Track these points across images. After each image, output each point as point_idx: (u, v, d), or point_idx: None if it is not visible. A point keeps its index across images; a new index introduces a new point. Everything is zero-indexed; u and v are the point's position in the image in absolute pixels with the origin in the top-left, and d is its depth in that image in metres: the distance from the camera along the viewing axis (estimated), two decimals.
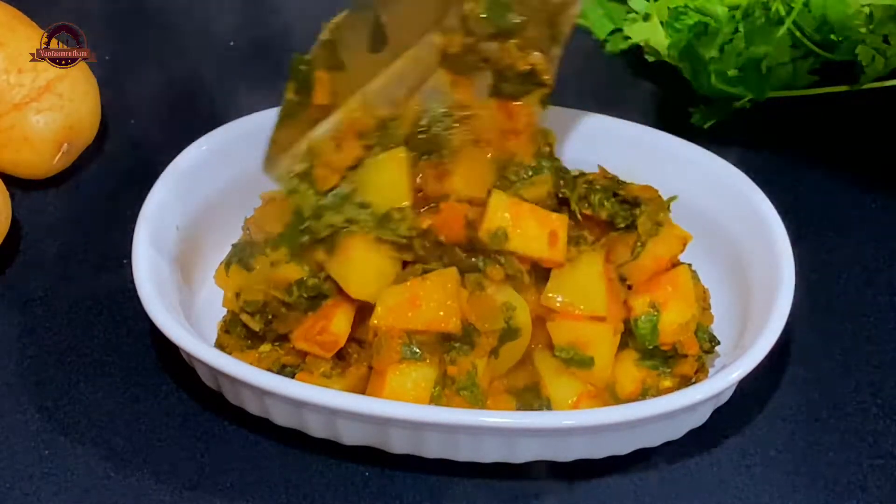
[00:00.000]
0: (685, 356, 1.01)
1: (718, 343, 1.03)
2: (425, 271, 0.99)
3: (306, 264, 1.00)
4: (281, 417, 1.00)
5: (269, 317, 1.01)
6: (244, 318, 1.00)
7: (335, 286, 0.99)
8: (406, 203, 1.00)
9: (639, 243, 1.02)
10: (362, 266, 0.99)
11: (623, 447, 1.00)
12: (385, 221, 1.00)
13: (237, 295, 1.01)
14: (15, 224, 1.13)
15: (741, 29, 1.20)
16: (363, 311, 0.99)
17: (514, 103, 1.04)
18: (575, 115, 1.13)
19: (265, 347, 1.01)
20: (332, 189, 1.01)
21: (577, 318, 1.00)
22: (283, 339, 1.02)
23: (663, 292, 1.01)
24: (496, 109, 1.04)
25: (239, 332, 1.03)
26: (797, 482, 1.01)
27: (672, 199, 1.05)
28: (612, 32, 1.30)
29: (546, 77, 1.04)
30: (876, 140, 1.24)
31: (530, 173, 1.03)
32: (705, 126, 1.23)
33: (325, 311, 0.99)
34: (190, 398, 1.05)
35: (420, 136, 1.02)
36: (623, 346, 1.01)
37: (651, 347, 1.00)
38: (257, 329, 1.00)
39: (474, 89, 1.04)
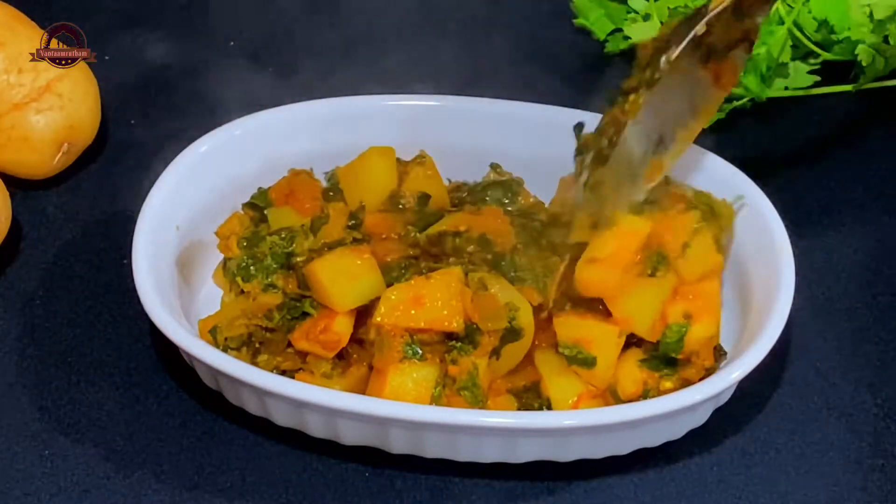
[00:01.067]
0: (692, 363, 1.01)
1: (725, 355, 1.03)
2: (430, 270, 0.99)
3: (282, 292, 1.01)
4: (281, 417, 1.00)
5: (257, 345, 1.01)
6: (231, 354, 1.00)
7: (316, 302, 0.99)
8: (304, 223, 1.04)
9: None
10: (335, 282, 0.98)
11: (623, 447, 1.00)
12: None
13: (213, 335, 1.01)
14: (15, 224, 1.13)
15: None
16: (363, 311, 1.00)
17: (722, 62, 1.04)
18: (575, 115, 1.12)
19: (262, 357, 1.01)
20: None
21: (584, 316, 1.00)
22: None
23: (697, 304, 1.00)
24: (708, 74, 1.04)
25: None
26: (797, 482, 1.01)
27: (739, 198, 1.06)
28: (612, 32, 1.31)
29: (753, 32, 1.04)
30: (876, 140, 1.24)
31: None
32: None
33: (325, 311, 1.00)
34: (190, 398, 1.05)
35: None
36: (626, 346, 1.01)
37: (672, 355, 1.00)
38: (248, 362, 1.00)
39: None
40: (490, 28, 1.33)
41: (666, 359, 1.00)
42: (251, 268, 1.02)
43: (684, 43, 1.00)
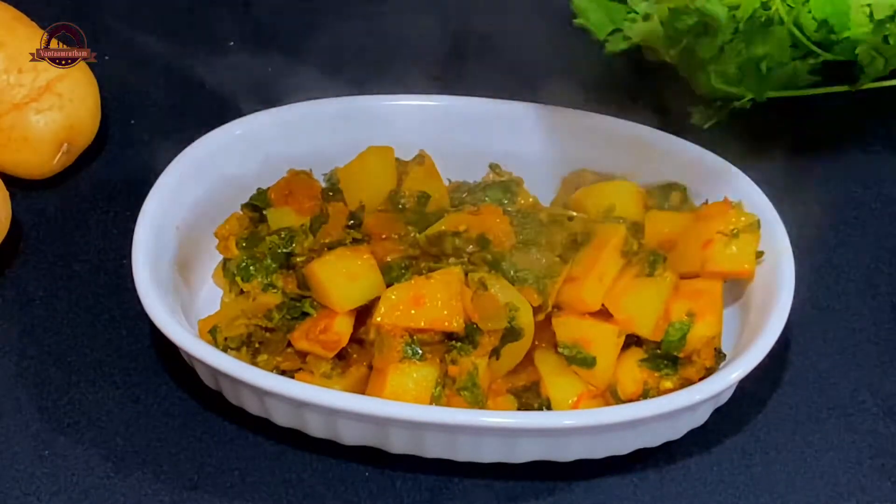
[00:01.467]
0: (693, 362, 1.01)
1: (724, 357, 1.03)
2: (430, 270, 0.99)
3: (281, 291, 1.01)
4: (281, 417, 1.00)
5: (257, 345, 1.01)
6: (231, 354, 1.00)
7: (316, 302, 0.99)
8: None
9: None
10: (335, 282, 0.99)
11: (623, 447, 1.00)
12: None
13: (212, 335, 1.01)
14: (15, 224, 1.13)
15: (741, 29, 1.20)
16: (363, 311, 1.00)
17: None
18: (575, 115, 1.13)
19: (262, 357, 1.01)
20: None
21: (583, 315, 1.00)
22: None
23: (700, 303, 1.00)
24: None
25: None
26: (797, 482, 1.01)
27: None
28: (612, 32, 1.30)
29: None
30: (876, 140, 1.24)
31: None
32: (705, 126, 1.23)
33: (325, 311, 1.00)
34: (190, 398, 1.05)
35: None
36: (626, 346, 1.01)
37: (673, 354, 1.00)
38: (248, 362, 1.00)
39: None
40: (490, 28, 1.33)
41: (667, 358, 1.00)
42: (251, 268, 1.02)
43: None
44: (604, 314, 1.00)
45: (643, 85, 1.28)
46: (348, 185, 1.07)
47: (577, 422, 0.97)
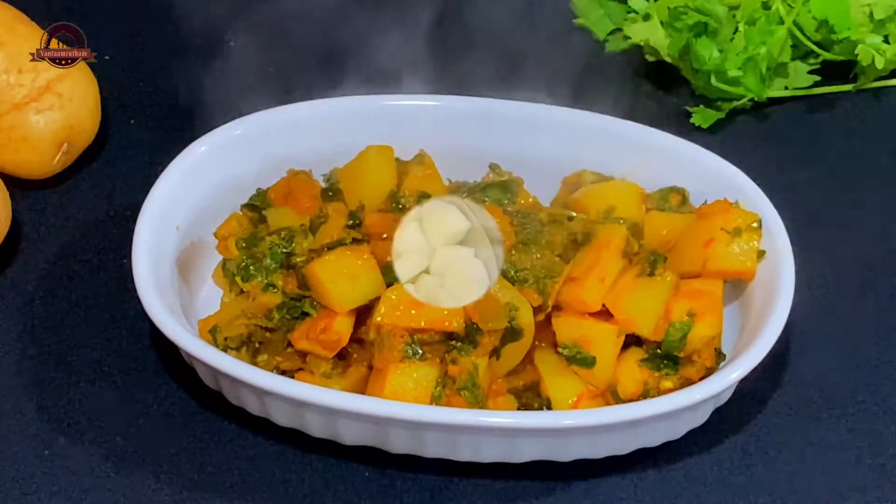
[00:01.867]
0: (693, 362, 1.01)
1: (724, 357, 1.03)
2: None
3: (281, 292, 1.01)
4: (281, 417, 1.00)
5: (257, 345, 1.01)
6: (231, 354, 1.00)
7: (316, 302, 0.99)
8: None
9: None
10: (335, 282, 0.98)
11: (623, 447, 1.00)
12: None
13: (212, 335, 1.01)
14: (15, 224, 1.13)
15: (741, 29, 1.20)
16: (363, 311, 1.00)
17: None
18: (575, 114, 1.13)
19: (262, 357, 1.01)
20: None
21: (583, 315, 1.00)
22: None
23: (700, 303, 1.00)
24: None
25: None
26: (797, 482, 1.01)
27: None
28: (612, 32, 1.31)
29: None
30: (876, 140, 1.24)
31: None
32: (705, 126, 1.23)
33: (325, 311, 0.99)
34: (190, 398, 1.05)
35: None
36: (626, 346, 1.01)
37: (673, 354, 1.00)
38: (248, 362, 1.00)
39: None
40: (490, 28, 1.33)
41: (667, 357, 1.00)
42: (251, 268, 1.02)
43: None
44: (604, 314, 1.00)
45: (643, 85, 1.28)
46: (348, 185, 1.07)
47: (577, 422, 0.97)
